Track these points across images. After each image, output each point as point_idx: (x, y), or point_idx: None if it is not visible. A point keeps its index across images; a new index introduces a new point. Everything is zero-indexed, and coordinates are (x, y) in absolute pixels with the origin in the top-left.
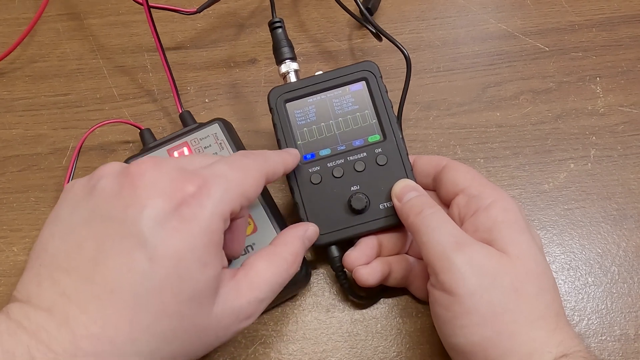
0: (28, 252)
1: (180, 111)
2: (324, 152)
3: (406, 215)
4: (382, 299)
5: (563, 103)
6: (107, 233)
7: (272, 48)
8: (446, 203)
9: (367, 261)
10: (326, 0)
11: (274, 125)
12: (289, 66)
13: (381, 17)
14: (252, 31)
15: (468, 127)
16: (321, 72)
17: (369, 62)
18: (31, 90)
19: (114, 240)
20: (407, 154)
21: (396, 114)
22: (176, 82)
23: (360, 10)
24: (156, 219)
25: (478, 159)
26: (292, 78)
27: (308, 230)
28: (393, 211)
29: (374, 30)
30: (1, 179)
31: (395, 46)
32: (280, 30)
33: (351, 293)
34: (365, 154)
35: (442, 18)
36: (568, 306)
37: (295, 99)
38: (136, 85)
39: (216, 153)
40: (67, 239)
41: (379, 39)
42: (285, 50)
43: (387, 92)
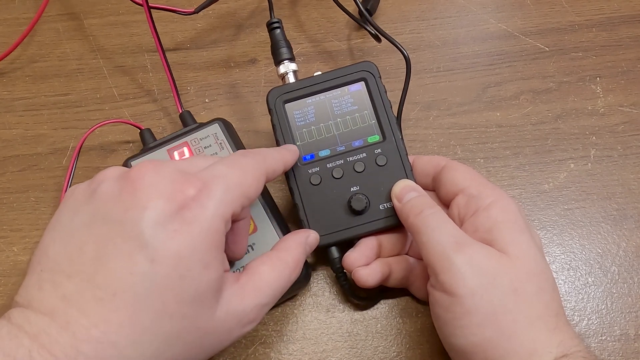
0: (28, 252)
1: (180, 111)
2: (324, 153)
3: (406, 215)
4: (382, 300)
5: (563, 103)
6: (108, 236)
7: (271, 48)
8: (446, 203)
9: (367, 262)
10: (325, 0)
11: (273, 126)
12: (288, 67)
13: (381, 17)
14: (252, 31)
15: (468, 127)
16: (320, 73)
17: (368, 63)
18: (31, 90)
19: (115, 243)
20: (407, 154)
21: (396, 114)
22: (176, 82)
23: (359, 10)
24: (157, 221)
25: (478, 159)
26: (291, 79)
27: (309, 236)
28: (393, 212)
29: (373, 31)
30: (1, 179)
31: (394, 46)
32: (278, 30)
33: (351, 294)
34: (364, 155)
35: (442, 18)
36: (568, 306)
37: (294, 100)
38: (136, 85)
39: (216, 153)
40: (68, 243)
41: (378, 40)
42: (283, 50)
43: (387, 93)
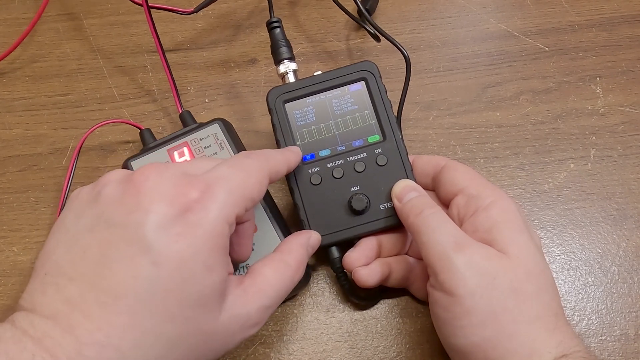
0: (28, 252)
1: (180, 111)
2: (324, 153)
3: (406, 215)
4: (382, 300)
5: (563, 103)
6: (111, 239)
7: (271, 48)
8: (445, 203)
9: (367, 262)
10: (325, 0)
11: (273, 125)
12: (288, 66)
13: (381, 17)
14: (252, 31)
15: (468, 127)
16: (320, 72)
17: (368, 62)
18: (31, 90)
19: (118, 246)
20: (407, 154)
21: (396, 114)
22: (176, 82)
23: (359, 10)
24: (160, 225)
25: (478, 159)
26: (291, 78)
27: (311, 238)
28: (393, 211)
29: (373, 31)
30: (1, 179)
31: (394, 46)
32: (278, 30)
33: (351, 294)
34: (365, 155)
35: (442, 18)
36: (568, 306)
37: (294, 100)
38: (136, 85)
39: (216, 153)
40: (72, 247)
41: (377, 40)
42: (283, 50)
43: (387, 92)
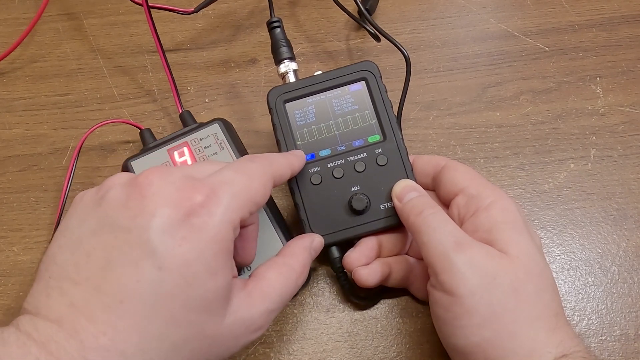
0: (28, 252)
1: (180, 111)
2: (324, 153)
3: (407, 215)
4: (382, 299)
5: (563, 103)
6: (116, 243)
7: (271, 48)
8: (445, 203)
9: (367, 262)
10: (325, 0)
11: (274, 125)
12: (288, 66)
13: (381, 17)
14: (252, 31)
15: (468, 127)
16: (320, 72)
17: (369, 62)
18: (31, 90)
19: (123, 250)
20: (407, 154)
21: (396, 114)
22: (176, 82)
23: (359, 10)
24: (164, 228)
25: (478, 159)
26: (291, 78)
27: (314, 241)
28: (393, 211)
29: (373, 30)
30: (1, 179)
31: (394, 46)
32: (278, 30)
33: (351, 294)
34: (365, 154)
35: (442, 18)
36: (568, 306)
37: (294, 99)
38: (136, 85)
39: (216, 153)
40: (76, 250)
41: (377, 40)
42: (283, 50)
43: (387, 92)
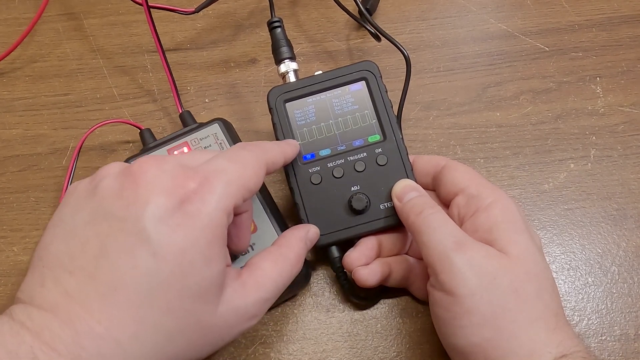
0: (28, 252)
1: (180, 111)
2: (324, 152)
3: (407, 215)
4: (382, 299)
5: (563, 103)
6: (110, 232)
7: (271, 48)
8: (446, 203)
9: (367, 262)
10: (325, 0)
11: (274, 125)
12: (288, 66)
13: (381, 17)
14: (252, 31)
15: (468, 127)
16: (321, 72)
17: (369, 62)
18: (31, 90)
19: (117, 238)
20: (407, 154)
21: (396, 114)
22: (176, 82)
23: (359, 10)
24: (159, 216)
25: (478, 159)
26: (292, 78)
27: (309, 231)
28: (393, 211)
29: (373, 30)
30: (1, 179)
31: (394, 46)
32: (279, 29)
33: (351, 293)
34: (365, 154)
35: (442, 18)
36: (568, 306)
37: (294, 99)
38: (136, 85)
39: None
40: (70, 240)
41: (378, 40)
42: (284, 49)
43: (387, 92)
